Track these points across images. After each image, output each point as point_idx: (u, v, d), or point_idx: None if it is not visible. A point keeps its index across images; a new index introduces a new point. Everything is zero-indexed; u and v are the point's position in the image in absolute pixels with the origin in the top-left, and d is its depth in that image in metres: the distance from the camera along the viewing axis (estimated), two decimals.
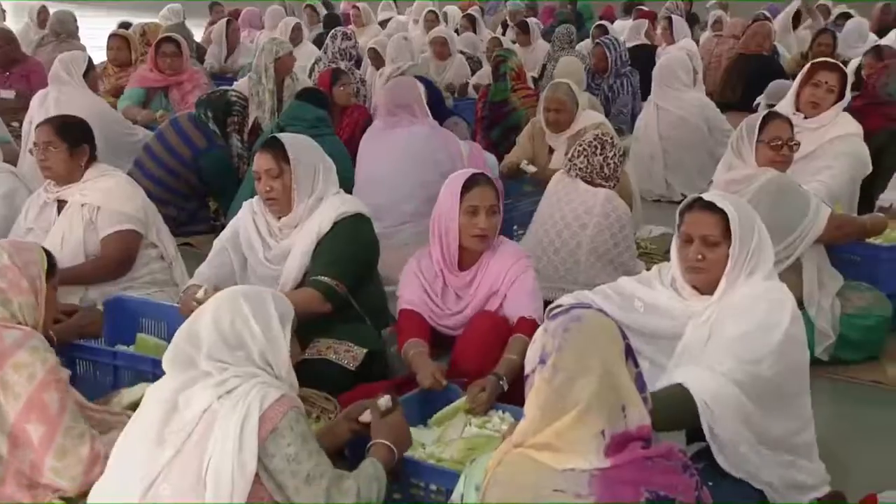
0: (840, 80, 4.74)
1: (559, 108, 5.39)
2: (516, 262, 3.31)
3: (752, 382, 2.57)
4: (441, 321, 3.34)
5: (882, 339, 4.05)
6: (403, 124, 5.05)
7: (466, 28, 10.72)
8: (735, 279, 2.70)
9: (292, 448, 2.21)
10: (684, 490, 1.94)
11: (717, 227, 2.70)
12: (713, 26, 10.67)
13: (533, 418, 1.95)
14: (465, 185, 3.27)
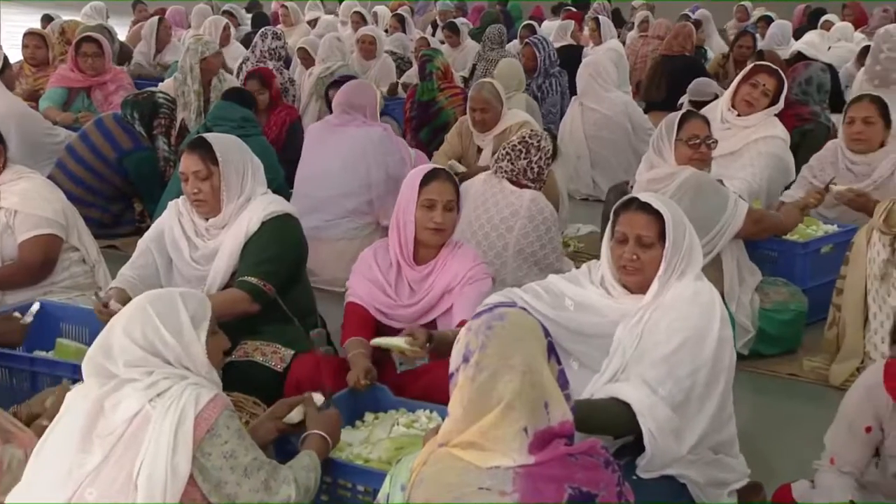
0: (777, 85, 4.88)
1: (485, 108, 5.43)
2: (476, 266, 3.28)
3: (687, 397, 2.61)
4: (392, 311, 3.30)
5: (799, 333, 4.17)
6: (356, 124, 5.10)
7: (396, 28, 10.72)
8: (667, 280, 2.72)
9: (229, 445, 2.22)
10: (607, 486, 1.97)
11: (653, 229, 2.72)
12: (639, 27, 10.85)
13: (457, 417, 1.97)
14: (423, 179, 3.25)
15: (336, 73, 7.17)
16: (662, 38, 9.31)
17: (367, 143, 5.03)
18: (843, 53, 8.34)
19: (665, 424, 2.56)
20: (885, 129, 4.65)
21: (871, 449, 2.54)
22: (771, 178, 4.89)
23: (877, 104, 4.65)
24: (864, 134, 4.63)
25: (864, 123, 4.62)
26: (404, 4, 13.18)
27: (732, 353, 2.78)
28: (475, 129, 5.54)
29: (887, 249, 3.54)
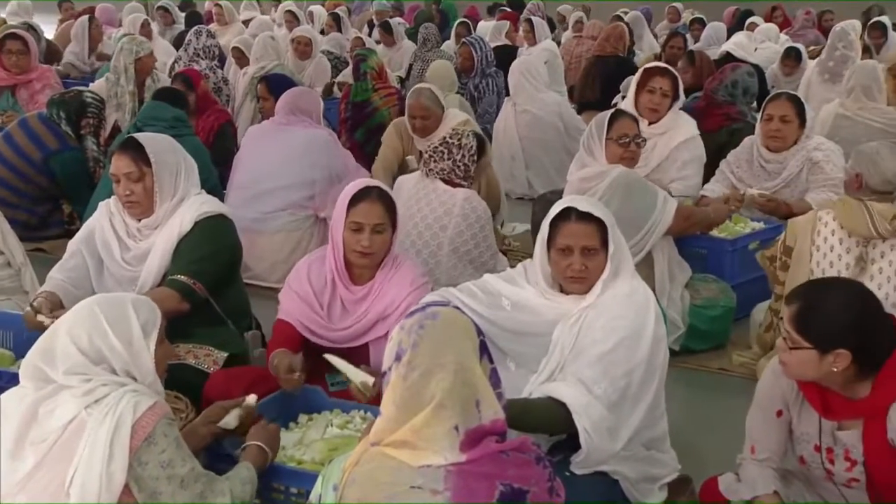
0: (672, 83, 4.98)
1: (424, 115, 5.41)
2: (414, 291, 3.12)
3: (622, 396, 2.65)
4: (324, 333, 3.18)
5: (728, 329, 4.26)
6: (303, 125, 5.11)
7: (332, 28, 10.67)
8: (609, 283, 2.76)
9: (166, 454, 2.18)
10: (538, 481, 2.00)
11: (596, 237, 2.74)
12: (574, 27, 10.96)
13: (389, 416, 1.97)
14: (351, 200, 3.10)
15: (271, 72, 7.11)
16: (596, 39, 9.41)
17: (311, 143, 5.04)
18: (768, 55, 8.54)
19: (600, 423, 2.59)
20: (800, 129, 4.77)
21: (784, 433, 2.60)
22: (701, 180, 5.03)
23: (793, 103, 4.77)
24: (781, 132, 4.75)
25: (781, 121, 4.74)
26: (341, 4, 13.12)
27: (666, 350, 2.82)
28: (415, 135, 5.52)
29: (858, 248, 3.60)
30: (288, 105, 5.17)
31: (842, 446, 2.49)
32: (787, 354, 2.43)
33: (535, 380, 2.76)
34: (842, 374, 2.38)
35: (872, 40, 9.13)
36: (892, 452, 2.40)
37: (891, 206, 3.54)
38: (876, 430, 2.42)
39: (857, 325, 2.37)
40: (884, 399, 2.39)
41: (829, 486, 2.58)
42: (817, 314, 2.38)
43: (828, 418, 2.49)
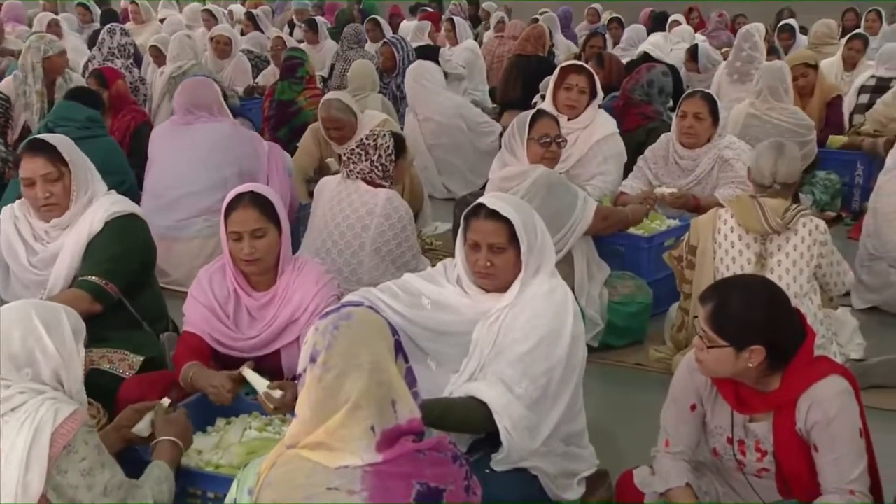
0: (589, 80, 5.06)
1: (337, 126, 5.40)
2: (320, 290, 3.11)
3: (542, 394, 2.66)
4: (232, 344, 3.12)
5: (645, 325, 4.33)
6: (202, 121, 5.00)
7: (249, 27, 10.56)
8: (528, 280, 2.76)
9: (86, 462, 2.15)
10: (454, 480, 2.00)
11: (503, 234, 2.74)
12: (496, 27, 11.04)
13: (305, 418, 1.96)
14: (226, 209, 3.05)
15: (189, 72, 7.00)
16: (517, 39, 9.49)
17: (216, 139, 4.96)
18: (683, 55, 8.72)
19: (520, 422, 2.62)
20: (713, 126, 4.90)
21: (698, 427, 2.66)
22: (621, 176, 5.12)
23: (707, 101, 4.90)
24: (695, 129, 4.87)
25: (694, 119, 4.86)
26: (262, 4, 12.98)
27: (584, 348, 2.85)
28: (333, 143, 5.50)
29: (757, 244, 3.70)
30: (184, 103, 5.05)
31: (753, 438, 2.56)
32: (703, 353, 2.47)
33: (456, 380, 2.76)
34: (755, 369, 2.44)
35: (781, 42, 9.40)
36: (799, 442, 2.48)
37: (782, 202, 3.68)
38: (785, 421, 2.49)
39: (771, 321, 2.43)
40: (793, 391, 2.46)
41: (739, 476, 2.64)
42: (732, 312, 2.43)
43: (741, 412, 2.55)
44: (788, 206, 3.69)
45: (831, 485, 2.42)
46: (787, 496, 2.58)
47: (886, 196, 4.49)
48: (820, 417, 2.42)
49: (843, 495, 2.39)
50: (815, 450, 2.45)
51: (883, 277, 4.53)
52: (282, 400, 2.71)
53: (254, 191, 3.10)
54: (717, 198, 4.63)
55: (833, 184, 6.00)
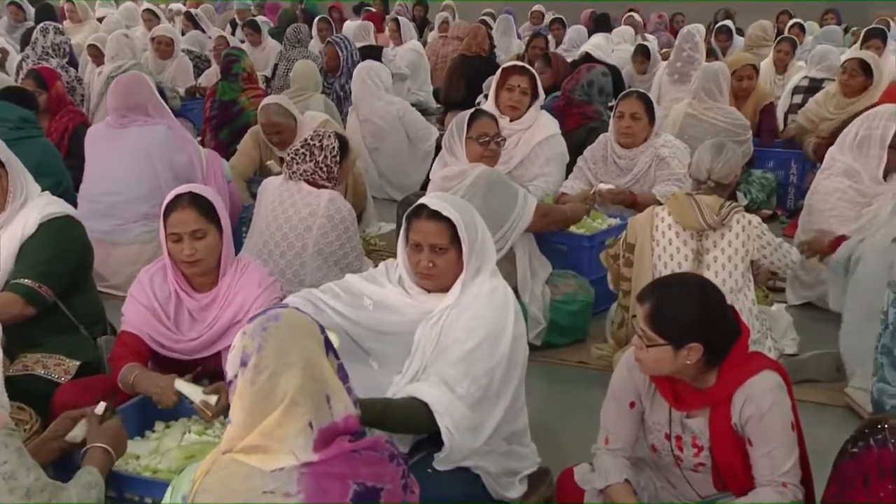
0: (531, 81, 5.11)
1: (277, 131, 5.38)
2: (263, 292, 3.07)
3: (484, 395, 2.67)
4: (172, 345, 3.09)
5: (587, 323, 4.37)
6: (137, 123, 4.90)
7: (189, 27, 10.44)
8: (469, 280, 2.77)
9: (8, 466, 2.10)
10: (392, 479, 2.00)
11: (445, 235, 2.74)
12: (440, 27, 11.06)
13: (239, 422, 1.94)
14: (165, 211, 3.03)
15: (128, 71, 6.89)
16: (461, 39, 9.53)
17: (150, 144, 4.85)
18: (625, 56, 8.83)
19: (462, 421, 2.62)
20: (649, 126, 4.98)
21: (637, 424, 2.69)
22: (563, 177, 5.18)
23: (643, 101, 4.98)
24: (632, 129, 4.95)
25: (631, 119, 4.94)
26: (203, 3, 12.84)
27: (525, 347, 2.87)
28: (274, 147, 5.47)
29: (694, 241, 3.76)
30: (117, 108, 4.93)
31: (690, 434, 2.60)
32: (643, 352, 2.50)
33: (398, 381, 2.76)
34: (693, 367, 2.48)
35: (719, 43, 9.56)
36: (734, 437, 2.52)
37: (717, 199, 3.76)
38: (720, 417, 2.52)
39: (707, 318, 2.47)
40: (728, 387, 2.50)
41: (676, 471, 2.68)
42: (670, 312, 2.46)
43: (678, 409, 2.58)
44: (723, 203, 3.76)
45: (764, 477, 2.47)
46: (723, 490, 2.63)
47: (822, 194, 4.59)
48: (753, 412, 2.46)
49: (776, 487, 2.44)
50: (750, 444, 2.49)
51: (816, 274, 4.63)
52: (219, 405, 2.69)
53: (193, 192, 3.07)
54: (654, 194, 4.70)
55: (769, 182, 6.13)
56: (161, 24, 9.72)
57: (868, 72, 6.07)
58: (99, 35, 8.03)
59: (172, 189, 3.31)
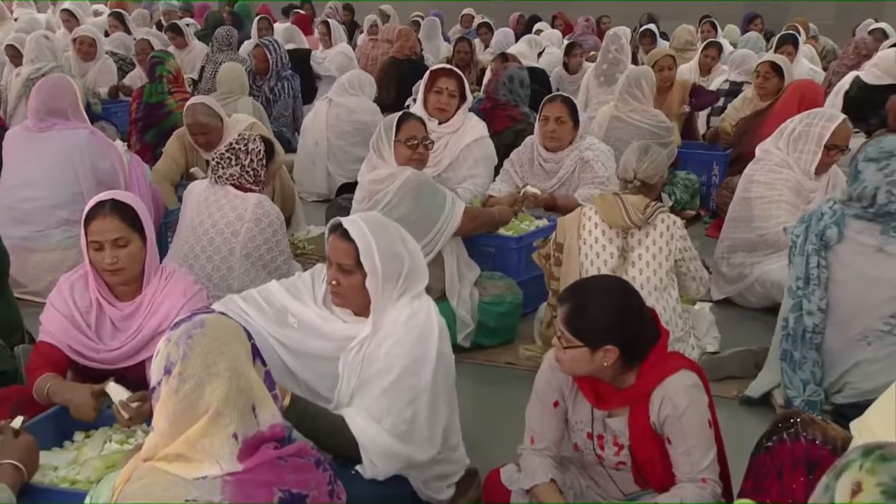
0: (458, 84, 5.15)
1: (203, 132, 5.33)
2: (188, 301, 3.00)
3: (410, 426, 2.66)
4: (92, 355, 3.02)
5: (515, 324, 4.40)
6: (58, 128, 4.79)
7: (116, 27, 10.24)
8: (382, 308, 2.70)
9: None
10: (318, 485, 2.00)
11: (352, 256, 2.69)
12: (369, 30, 11.05)
13: (162, 430, 1.92)
14: (86, 218, 2.96)
15: (48, 74, 6.73)
16: (392, 42, 9.53)
17: (72, 150, 4.75)
18: (553, 59, 8.94)
19: (387, 451, 2.62)
20: (574, 129, 5.05)
21: (561, 423, 2.73)
22: (491, 179, 5.22)
23: (567, 104, 5.05)
24: (557, 132, 5.02)
25: (556, 122, 5.01)
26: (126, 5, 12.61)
27: (452, 362, 2.85)
28: (200, 148, 5.41)
29: (619, 239, 3.83)
30: (38, 111, 4.81)
31: (611, 432, 2.64)
32: (561, 353, 2.54)
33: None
34: (611, 367, 2.52)
35: (644, 47, 9.74)
36: (653, 435, 2.57)
37: (642, 199, 3.84)
38: (640, 416, 2.57)
39: (623, 322, 2.51)
40: (646, 386, 2.55)
41: (599, 469, 2.73)
42: (586, 315, 2.50)
43: (599, 408, 2.62)
44: (648, 202, 3.84)
45: (684, 474, 2.52)
46: (644, 487, 2.68)
47: (766, 184, 4.66)
48: (671, 411, 2.51)
49: (696, 483, 2.49)
50: (668, 442, 2.54)
51: (739, 269, 4.74)
52: (138, 410, 2.64)
53: (116, 199, 3.00)
54: (576, 198, 4.77)
55: (692, 183, 6.26)
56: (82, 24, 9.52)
57: (781, 74, 6.25)
58: (17, 35, 7.82)
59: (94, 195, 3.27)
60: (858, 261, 3.41)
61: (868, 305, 3.38)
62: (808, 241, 3.48)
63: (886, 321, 3.36)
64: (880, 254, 3.38)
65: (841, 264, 3.45)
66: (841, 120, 4.55)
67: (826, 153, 4.51)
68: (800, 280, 3.49)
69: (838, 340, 3.45)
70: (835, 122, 4.52)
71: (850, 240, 3.44)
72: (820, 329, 3.46)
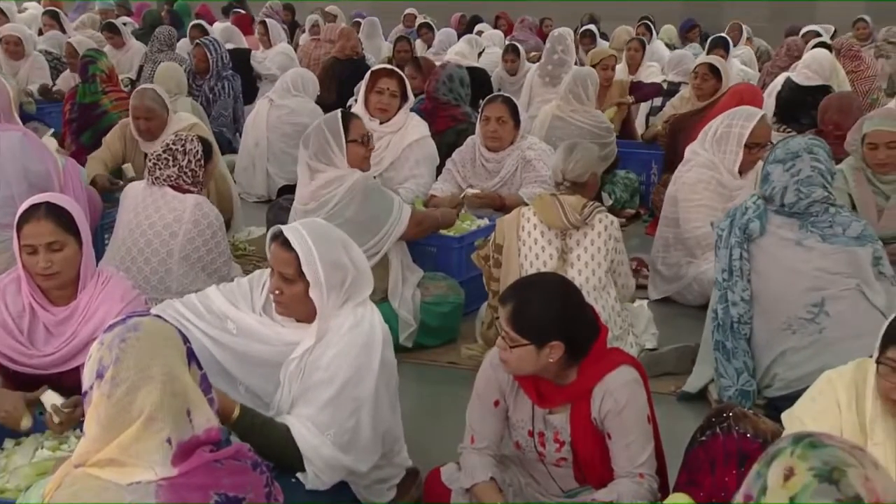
0: (399, 84, 5.16)
1: (148, 116, 5.26)
2: (126, 306, 2.92)
3: (354, 436, 2.64)
4: (25, 360, 2.94)
5: (457, 324, 4.41)
6: None
7: (51, 26, 10.04)
8: (327, 316, 2.68)
9: None
10: (254, 488, 1.99)
11: (293, 266, 2.65)
12: (311, 30, 10.98)
13: (94, 436, 1.89)
14: (19, 221, 2.89)
15: None
16: (334, 42, 9.49)
17: (3, 152, 4.62)
18: (494, 59, 8.98)
19: (332, 462, 2.61)
20: (515, 129, 5.09)
21: (502, 422, 2.74)
22: (433, 180, 5.23)
23: (508, 105, 5.10)
24: (498, 132, 5.06)
25: (497, 122, 5.05)
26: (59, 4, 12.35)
27: (394, 368, 2.83)
28: (141, 137, 5.33)
29: (558, 240, 3.86)
30: None
31: (552, 430, 2.66)
32: (507, 353, 2.54)
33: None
34: (555, 364, 2.54)
35: (583, 47, 9.83)
36: (594, 431, 2.60)
37: (580, 199, 3.89)
38: (581, 412, 2.60)
39: (566, 316, 2.53)
40: (588, 383, 2.58)
41: (540, 466, 2.75)
42: (530, 312, 2.51)
43: (541, 405, 2.64)
44: (586, 202, 3.88)
45: (623, 469, 2.55)
46: (583, 483, 2.71)
47: (688, 185, 4.76)
48: (612, 406, 2.54)
49: (633, 479, 2.53)
50: (609, 437, 2.57)
51: (676, 268, 4.82)
52: (69, 415, 2.60)
53: (50, 202, 2.93)
54: (521, 196, 4.80)
55: (632, 182, 6.34)
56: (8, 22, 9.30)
57: (718, 76, 6.36)
58: None
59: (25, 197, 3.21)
60: (779, 253, 3.54)
61: (790, 295, 3.50)
62: (733, 234, 3.61)
63: (809, 310, 3.48)
64: (799, 247, 3.52)
65: (764, 256, 3.57)
66: (759, 118, 4.64)
67: (748, 152, 4.61)
68: (725, 272, 3.60)
69: (765, 330, 3.56)
70: (753, 121, 4.62)
71: (771, 234, 3.57)
72: (745, 319, 3.56)
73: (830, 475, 1.45)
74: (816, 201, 3.52)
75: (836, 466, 1.46)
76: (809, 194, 3.51)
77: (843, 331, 3.39)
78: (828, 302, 3.45)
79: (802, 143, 3.60)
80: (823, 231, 3.51)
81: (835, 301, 3.45)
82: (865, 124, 4.51)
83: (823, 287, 3.46)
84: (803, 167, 3.53)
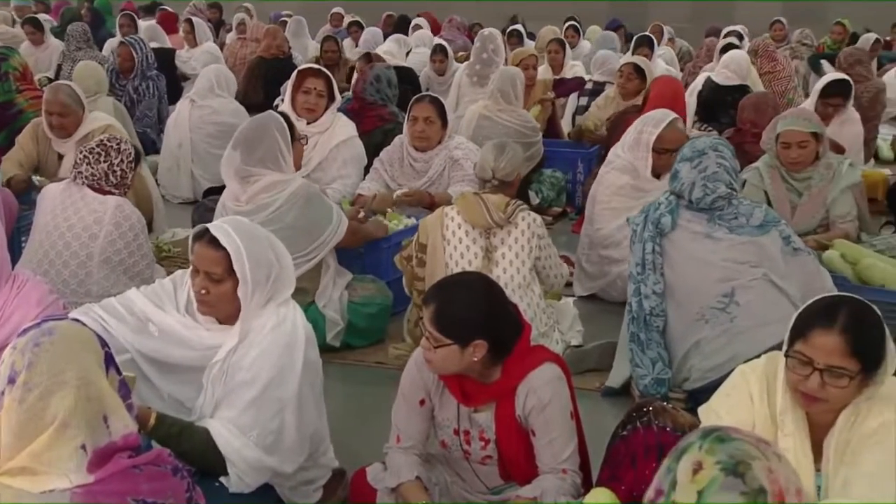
0: (327, 84, 5.16)
1: (63, 112, 5.16)
2: (43, 311, 2.83)
3: (278, 437, 2.61)
4: None
5: (385, 324, 4.41)
6: None
7: None
8: (250, 316, 2.65)
9: None
10: (175, 493, 1.96)
11: (222, 265, 2.61)
12: (237, 29, 10.86)
13: (6, 444, 1.84)
14: None
15: None
16: (260, 41, 9.40)
17: None
18: (422, 59, 8.99)
19: (255, 464, 2.58)
20: (442, 129, 5.14)
21: (427, 421, 2.75)
22: (360, 180, 5.24)
23: (435, 105, 5.14)
24: (426, 132, 5.11)
25: (425, 123, 5.10)
26: None
27: (319, 368, 2.81)
28: (53, 134, 5.23)
29: (483, 238, 3.88)
30: None
31: (477, 428, 2.67)
32: (431, 353, 2.55)
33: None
34: (479, 363, 2.55)
35: (511, 47, 9.91)
36: (518, 428, 2.62)
37: (503, 197, 3.94)
38: (506, 410, 2.62)
39: (489, 314, 2.55)
40: (512, 380, 2.60)
41: (465, 464, 2.76)
42: (453, 312, 2.52)
43: (466, 404, 2.65)
44: (509, 201, 3.92)
45: (546, 465, 2.58)
46: (508, 480, 2.73)
47: (604, 186, 4.85)
48: (536, 403, 2.57)
49: (557, 474, 2.56)
50: (533, 434, 2.60)
51: (599, 266, 4.89)
52: None
53: None
54: (451, 194, 4.83)
55: (558, 181, 6.42)
56: None
57: (642, 75, 6.48)
58: None
59: None
60: (690, 246, 3.66)
61: (702, 287, 3.61)
62: (646, 228, 3.72)
63: (720, 300, 3.58)
64: (708, 239, 3.64)
65: (676, 250, 3.68)
66: (666, 123, 4.71)
67: (657, 156, 4.69)
68: (638, 266, 3.70)
69: (680, 322, 3.65)
70: (660, 128, 4.69)
71: (682, 228, 3.69)
72: (657, 312, 3.65)
73: (736, 468, 1.49)
74: (720, 196, 3.65)
75: (741, 460, 1.50)
76: (715, 189, 3.64)
77: (752, 319, 3.50)
78: (737, 292, 3.56)
79: (708, 142, 3.75)
80: (730, 223, 3.65)
81: (744, 290, 3.56)
82: (779, 124, 4.65)
83: (733, 277, 3.57)
84: (709, 164, 3.66)
